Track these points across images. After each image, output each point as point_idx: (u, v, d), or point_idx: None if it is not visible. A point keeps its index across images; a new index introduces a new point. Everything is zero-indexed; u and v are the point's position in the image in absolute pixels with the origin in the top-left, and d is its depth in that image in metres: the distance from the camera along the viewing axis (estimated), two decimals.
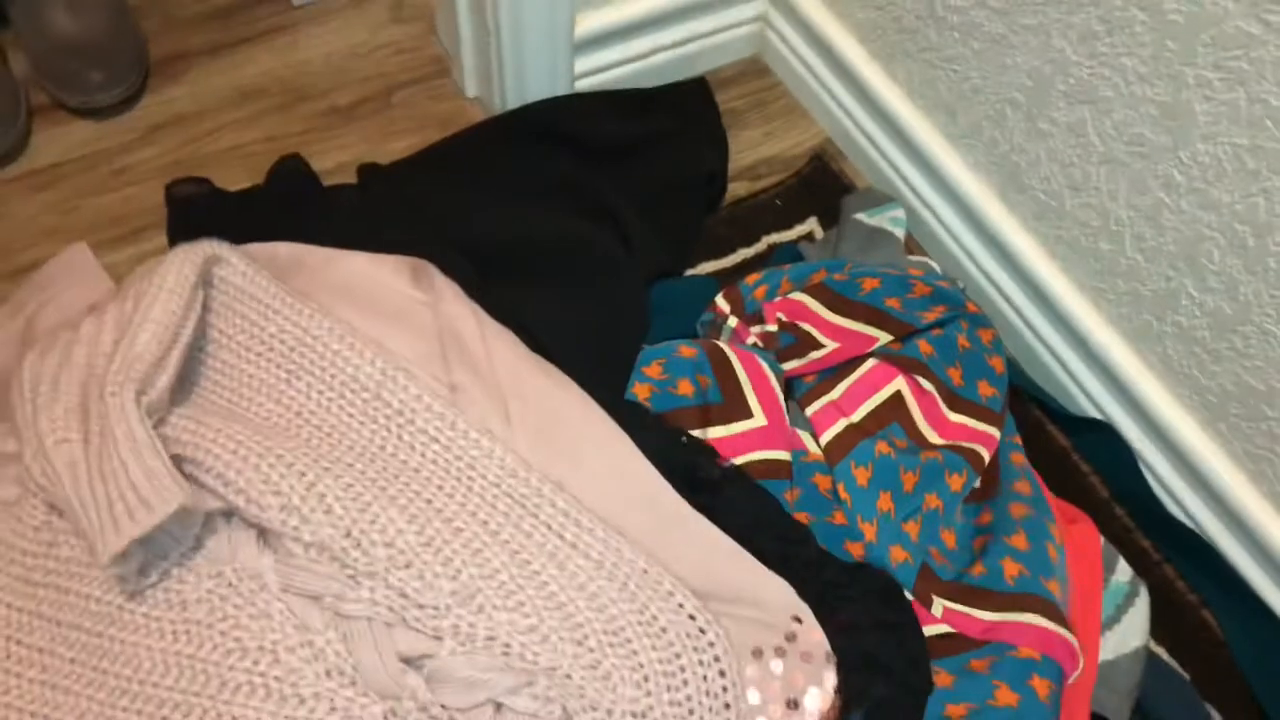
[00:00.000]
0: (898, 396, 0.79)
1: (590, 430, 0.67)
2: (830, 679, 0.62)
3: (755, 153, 1.03)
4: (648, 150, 0.95)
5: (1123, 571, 0.79)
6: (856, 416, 0.78)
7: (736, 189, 1.00)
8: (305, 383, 0.64)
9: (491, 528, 0.61)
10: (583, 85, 1.01)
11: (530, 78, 0.96)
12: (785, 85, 1.08)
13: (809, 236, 0.97)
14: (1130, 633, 0.76)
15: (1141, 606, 0.77)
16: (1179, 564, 0.82)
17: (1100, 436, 0.86)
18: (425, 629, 0.57)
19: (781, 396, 0.78)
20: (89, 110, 0.96)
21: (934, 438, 0.78)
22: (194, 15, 1.06)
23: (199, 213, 0.86)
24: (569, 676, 0.56)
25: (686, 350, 0.78)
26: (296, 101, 1.01)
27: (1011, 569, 0.73)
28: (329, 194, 0.89)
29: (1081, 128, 0.79)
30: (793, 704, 0.61)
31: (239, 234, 0.78)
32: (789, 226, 0.97)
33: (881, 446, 0.76)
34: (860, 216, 0.95)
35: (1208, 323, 0.76)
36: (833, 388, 0.79)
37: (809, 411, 0.79)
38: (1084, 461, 0.86)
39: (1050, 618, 0.70)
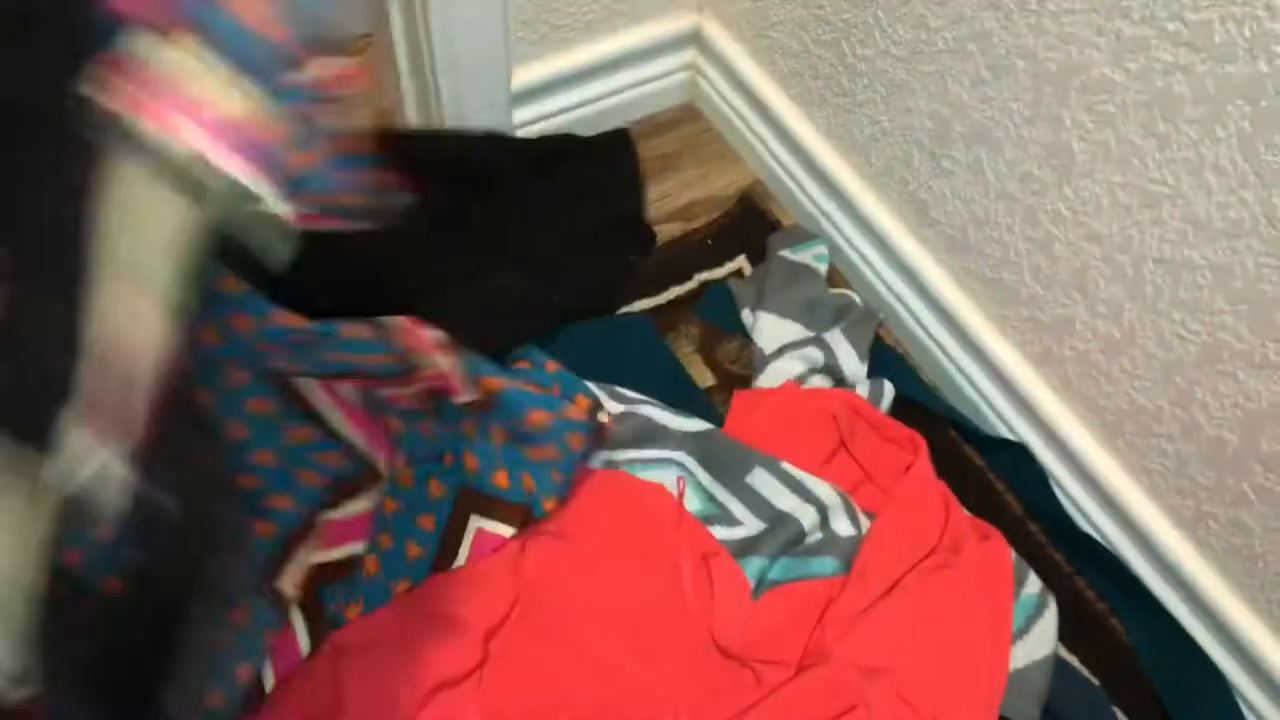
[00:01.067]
0: None
1: None
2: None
3: (689, 194, 1.08)
4: (570, 197, 1.00)
5: (1032, 584, 0.83)
6: None
7: (671, 229, 1.05)
8: None
9: None
10: (523, 135, 1.06)
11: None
12: (717, 130, 1.13)
13: (738, 273, 1.02)
14: (1039, 642, 0.81)
15: (1050, 617, 0.82)
16: (1089, 575, 0.86)
17: (1012, 455, 0.90)
18: None
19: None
20: None
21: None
22: None
23: None
24: None
25: None
26: None
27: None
28: None
29: (979, 166, 0.84)
30: None
31: None
32: (720, 264, 1.02)
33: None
34: (785, 253, 1.00)
35: (1100, 346, 0.81)
36: None
37: None
38: (999, 480, 0.90)
39: None
